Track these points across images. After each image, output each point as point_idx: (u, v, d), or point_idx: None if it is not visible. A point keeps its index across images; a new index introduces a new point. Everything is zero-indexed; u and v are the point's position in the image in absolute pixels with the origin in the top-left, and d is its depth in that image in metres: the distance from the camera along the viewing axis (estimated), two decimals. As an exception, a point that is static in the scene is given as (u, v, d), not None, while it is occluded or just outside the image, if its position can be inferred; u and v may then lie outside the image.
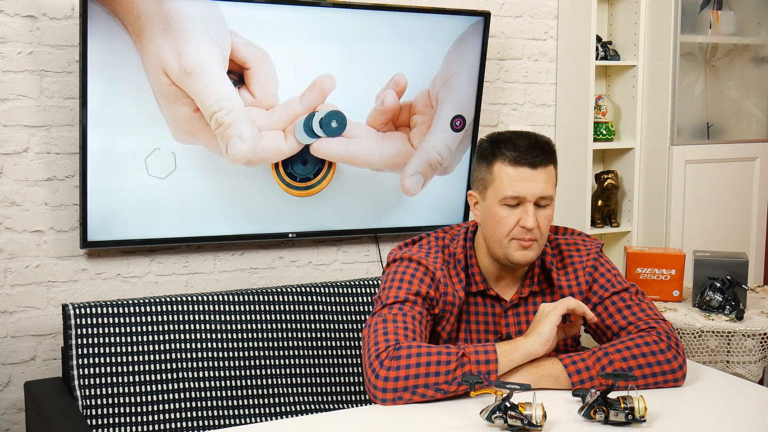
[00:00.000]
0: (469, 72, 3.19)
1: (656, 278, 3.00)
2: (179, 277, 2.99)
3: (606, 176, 3.56)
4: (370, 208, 3.17)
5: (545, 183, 1.84)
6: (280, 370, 2.62)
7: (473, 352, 1.74)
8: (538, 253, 1.89)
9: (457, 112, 3.21)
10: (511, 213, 1.84)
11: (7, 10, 2.66)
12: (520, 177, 1.82)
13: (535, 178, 1.83)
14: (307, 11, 2.89)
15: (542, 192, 1.84)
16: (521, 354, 1.76)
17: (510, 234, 1.85)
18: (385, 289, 1.90)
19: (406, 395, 1.72)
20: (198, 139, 2.79)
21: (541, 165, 1.83)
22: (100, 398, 2.40)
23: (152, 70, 2.68)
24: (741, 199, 3.64)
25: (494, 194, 1.85)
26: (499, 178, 1.84)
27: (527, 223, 1.82)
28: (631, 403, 1.61)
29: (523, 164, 1.82)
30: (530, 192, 1.83)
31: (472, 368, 1.72)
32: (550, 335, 1.77)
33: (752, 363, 2.75)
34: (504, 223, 1.85)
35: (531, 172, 1.82)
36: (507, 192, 1.83)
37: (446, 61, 3.13)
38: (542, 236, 1.87)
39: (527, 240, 1.85)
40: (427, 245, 1.98)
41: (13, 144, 2.71)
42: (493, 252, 1.91)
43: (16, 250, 2.75)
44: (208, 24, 2.72)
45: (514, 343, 1.78)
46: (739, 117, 3.77)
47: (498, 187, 1.84)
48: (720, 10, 3.60)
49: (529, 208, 1.83)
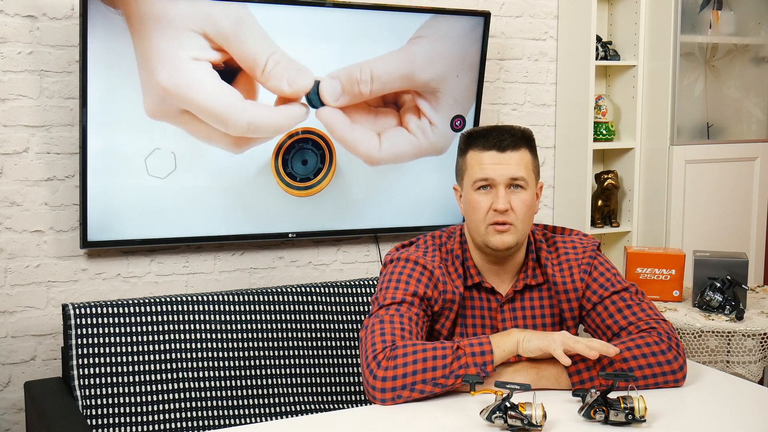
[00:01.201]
0: (469, 72, 3.19)
1: (656, 278, 3.00)
2: (179, 277, 2.99)
3: (606, 176, 3.56)
4: (370, 208, 3.17)
5: (516, 165, 1.88)
6: (280, 370, 2.62)
7: (468, 344, 1.75)
8: (517, 239, 1.90)
9: (457, 112, 3.21)
10: (484, 198, 1.89)
11: (7, 10, 2.66)
12: (489, 160, 1.88)
13: (504, 161, 1.87)
14: (306, 11, 2.89)
15: (512, 173, 1.87)
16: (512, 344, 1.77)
17: (485, 218, 1.89)
18: (381, 290, 1.91)
19: (405, 393, 1.72)
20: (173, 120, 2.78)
21: (509, 148, 1.88)
22: (100, 398, 2.40)
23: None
24: (741, 199, 3.64)
25: (468, 180, 1.92)
26: (470, 164, 1.91)
27: (498, 205, 1.86)
28: (631, 403, 1.61)
29: (491, 148, 1.88)
30: (499, 173, 1.87)
31: (468, 360, 1.73)
32: (535, 349, 1.75)
33: (752, 363, 2.75)
34: (479, 207, 1.89)
35: (499, 155, 1.88)
36: (477, 174, 1.89)
37: (446, 61, 3.13)
38: (519, 220, 1.89)
39: (502, 223, 1.87)
40: (424, 245, 1.99)
41: (13, 144, 2.71)
42: (475, 241, 1.94)
43: (16, 250, 2.75)
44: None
45: (508, 333, 1.79)
46: (739, 117, 3.77)
47: (470, 173, 1.91)
48: (720, 10, 3.60)
49: (501, 190, 1.87)
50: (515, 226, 1.88)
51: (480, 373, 1.72)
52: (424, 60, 3.08)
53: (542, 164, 3.64)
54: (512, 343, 1.77)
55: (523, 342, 1.77)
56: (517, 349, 1.77)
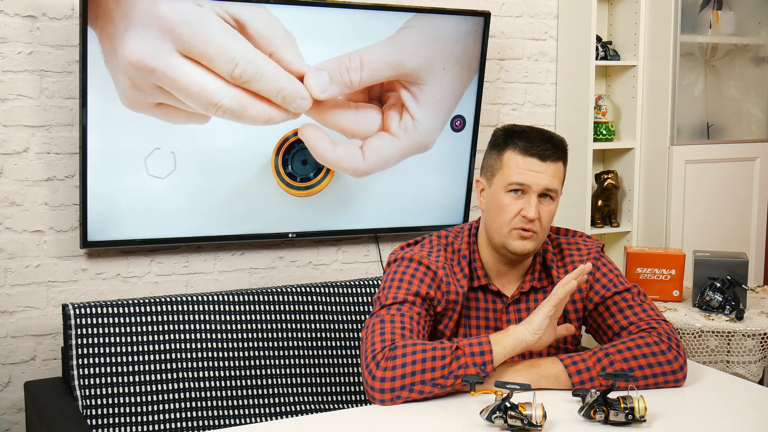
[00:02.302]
0: (469, 72, 3.19)
1: (656, 278, 3.00)
2: (179, 277, 2.99)
3: (606, 176, 3.56)
4: (370, 208, 3.17)
5: (552, 177, 1.87)
6: (280, 370, 2.62)
7: (467, 344, 1.75)
8: (536, 247, 1.90)
9: (457, 112, 3.21)
10: (514, 201, 1.87)
11: (7, 10, 2.66)
12: (528, 166, 1.85)
13: (543, 170, 1.86)
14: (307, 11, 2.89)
15: (548, 184, 1.86)
16: (512, 340, 1.76)
17: (511, 223, 1.87)
18: (384, 289, 1.90)
19: (404, 394, 1.72)
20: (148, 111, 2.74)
21: (550, 159, 1.86)
22: (100, 398, 2.40)
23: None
24: (741, 199, 3.64)
25: (501, 180, 1.88)
26: (507, 165, 1.87)
27: (529, 212, 1.84)
28: (631, 403, 1.61)
29: (533, 155, 1.86)
30: (536, 182, 1.85)
31: (468, 360, 1.72)
32: (539, 324, 1.77)
33: (752, 363, 2.75)
34: (507, 210, 1.87)
35: (539, 164, 1.86)
36: (514, 178, 1.86)
37: (432, 52, 3.11)
38: (542, 230, 1.88)
39: (527, 230, 1.86)
40: (429, 245, 1.99)
41: (13, 144, 2.71)
42: (492, 240, 1.92)
43: (16, 250, 2.75)
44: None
45: (506, 331, 1.79)
46: (739, 117, 3.77)
47: (506, 173, 1.87)
48: (720, 10, 3.60)
49: (533, 198, 1.85)
50: (537, 234, 1.88)
51: (480, 373, 1.72)
52: (412, 48, 3.04)
53: (542, 164, 3.63)
54: (513, 339, 1.76)
55: (527, 326, 1.77)
56: (521, 343, 1.76)
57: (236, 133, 2.88)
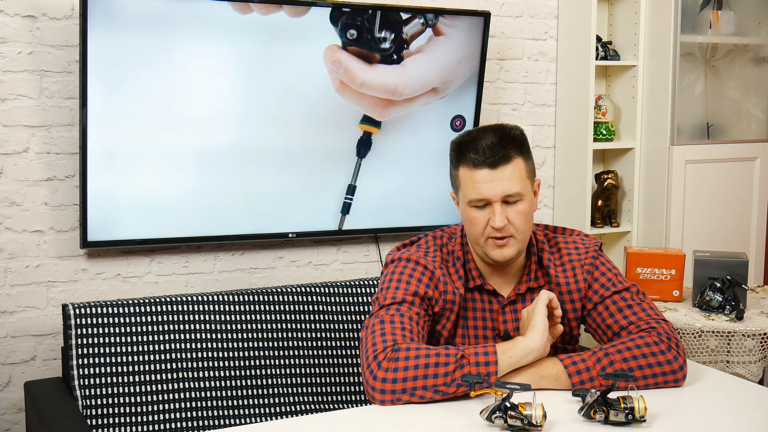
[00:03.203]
0: (469, 72, 3.19)
1: (656, 278, 3.00)
2: (179, 277, 2.99)
3: (606, 176, 3.56)
4: (370, 208, 3.17)
5: (509, 180, 1.83)
6: (280, 370, 2.62)
7: (473, 353, 1.74)
8: (519, 249, 1.89)
9: (457, 112, 3.21)
10: (481, 214, 1.86)
11: (7, 10, 2.66)
12: (481, 179, 1.83)
13: (497, 178, 1.83)
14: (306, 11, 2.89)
15: (506, 190, 1.83)
16: (520, 350, 1.76)
17: (484, 233, 1.87)
18: (383, 290, 1.90)
19: (405, 397, 1.71)
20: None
21: (501, 163, 1.83)
22: (100, 398, 2.40)
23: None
24: (741, 199, 3.64)
25: (463, 197, 1.89)
26: (464, 181, 1.87)
27: (495, 222, 1.84)
28: (631, 403, 1.61)
29: (483, 166, 1.83)
30: (493, 192, 1.83)
31: (472, 370, 1.72)
32: (544, 326, 1.77)
33: (752, 363, 2.75)
34: (476, 223, 1.87)
35: (491, 173, 1.83)
36: (472, 195, 1.85)
37: (446, 61, 3.12)
38: (519, 231, 1.87)
39: (500, 238, 1.86)
40: (425, 245, 1.99)
41: (13, 144, 2.71)
42: (475, 252, 1.94)
43: (16, 250, 2.75)
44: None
45: (513, 341, 1.78)
46: (739, 117, 3.77)
47: (464, 191, 1.87)
48: (720, 10, 3.60)
49: (497, 207, 1.84)
50: (514, 237, 1.87)
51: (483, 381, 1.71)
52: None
53: (543, 164, 3.64)
54: (522, 349, 1.75)
55: (533, 331, 1.77)
56: (531, 352, 1.76)
57: (236, 132, 2.88)
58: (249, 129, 2.90)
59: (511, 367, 1.75)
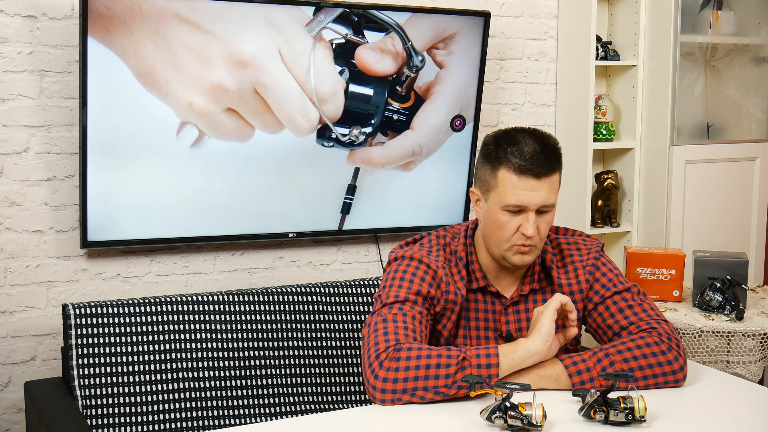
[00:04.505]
0: (469, 72, 3.20)
1: (656, 278, 3.00)
2: (179, 277, 2.99)
3: (606, 176, 3.56)
4: (370, 208, 3.17)
5: (548, 192, 1.83)
6: (280, 370, 2.62)
7: (475, 355, 1.73)
8: (536, 256, 1.89)
9: (457, 112, 3.21)
10: (512, 219, 1.84)
11: (7, 10, 2.66)
12: (523, 186, 1.81)
13: (539, 188, 1.82)
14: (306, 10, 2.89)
15: (545, 200, 1.83)
16: (522, 353, 1.75)
17: (510, 240, 1.85)
18: (385, 287, 1.90)
19: (405, 397, 1.71)
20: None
21: (546, 174, 1.82)
22: (100, 398, 2.40)
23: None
24: (741, 199, 3.64)
25: (497, 199, 1.84)
26: (503, 184, 1.83)
27: (527, 231, 1.82)
28: (631, 403, 1.61)
29: (528, 174, 1.81)
30: (533, 201, 1.82)
31: (473, 371, 1.72)
32: (549, 330, 1.76)
33: (752, 363, 2.75)
34: (505, 228, 1.85)
35: (535, 183, 1.81)
36: (510, 200, 1.82)
37: (446, 61, 3.13)
38: (541, 240, 1.88)
39: (526, 246, 1.85)
40: (428, 243, 1.98)
41: (13, 144, 2.71)
42: (491, 252, 1.92)
43: (16, 250, 2.75)
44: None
45: (515, 343, 1.78)
46: (739, 117, 3.77)
47: (501, 194, 1.83)
48: (720, 10, 3.60)
49: (531, 216, 1.83)
50: (536, 246, 1.87)
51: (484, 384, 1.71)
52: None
53: (542, 164, 3.64)
54: (523, 351, 1.75)
55: (537, 335, 1.76)
56: (533, 355, 1.75)
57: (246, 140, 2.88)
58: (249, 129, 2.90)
59: (512, 369, 1.75)
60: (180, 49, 2.70)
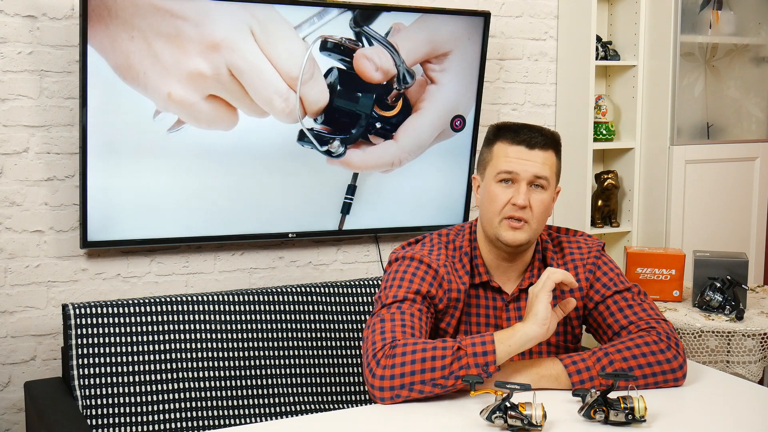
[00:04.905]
0: (469, 72, 3.20)
1: (656, 278, 3.00)
2: (179, 277, 2.99)
3: (606, 176, 3.56)
4: (370, 208, 3.17)
5: (541, 164, 1.88)
6: (280, 370, 2.62)
7: (470, 344, 1.73)
8: (529, 238, 1.89)
9: (457, 112, 3.21)
10: (504, 190, 1.88)
11: (7, 10, 2.66)
12: (516, 155, 1.88)
13: (531, 158, 1.87)
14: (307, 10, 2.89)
15: (537, 171, 1.87)
16: (519, 338, 1.74)
17: (502, 212, 1.88)
18: (385, 288, 1.90)
19: (404, 393, 1.72)
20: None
21: (537, 146, 1.88)
22: (100, 398, 2.40)
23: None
24: (741, 199, 3.64)
25: (491, 171, 1.91)
26: (497, 155, 1.90)
27: (518, 200, 1.85)
28: (631, 403, 1.61)
29: (520, 143, 1.88)
30: (524, 169, 1.87)
31: (470, 360, 1.71)
32: (545, 314, 1.75)
33: (752, 363, 2.75)
34: (497, 200, 1.88)
35: (527, 152, 1.87)
36: (502, 166, 1.88)
37: (438, 77, 3.13)
38: (535, 219, 1.88)
39: (517, 219, 1.86)
40: (429, 243, 1.99)
41: (13, 144, 2.71)
42: (486, 232, 1.93)
43: (16, 250, 2.75)
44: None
45: (512, 329, 1.77)
46: (739, 117, 3.77)
47: (495, 164, 1.90)
48: (720, 10, 3.60)
49: (522, 186, 1.87)
50: (529, 224, 1.88)
51: (482, 373, 1.71)
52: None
53: (542, 164, 3.63)
54: (520, 337, 1.74)
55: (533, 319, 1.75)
56: (530, 340, 1.74)
57: (236, 132, 2.88)
58: (249, 128, 2.89)
59: (509, 355, 1.74)
60: (155, 39, 2.67)
